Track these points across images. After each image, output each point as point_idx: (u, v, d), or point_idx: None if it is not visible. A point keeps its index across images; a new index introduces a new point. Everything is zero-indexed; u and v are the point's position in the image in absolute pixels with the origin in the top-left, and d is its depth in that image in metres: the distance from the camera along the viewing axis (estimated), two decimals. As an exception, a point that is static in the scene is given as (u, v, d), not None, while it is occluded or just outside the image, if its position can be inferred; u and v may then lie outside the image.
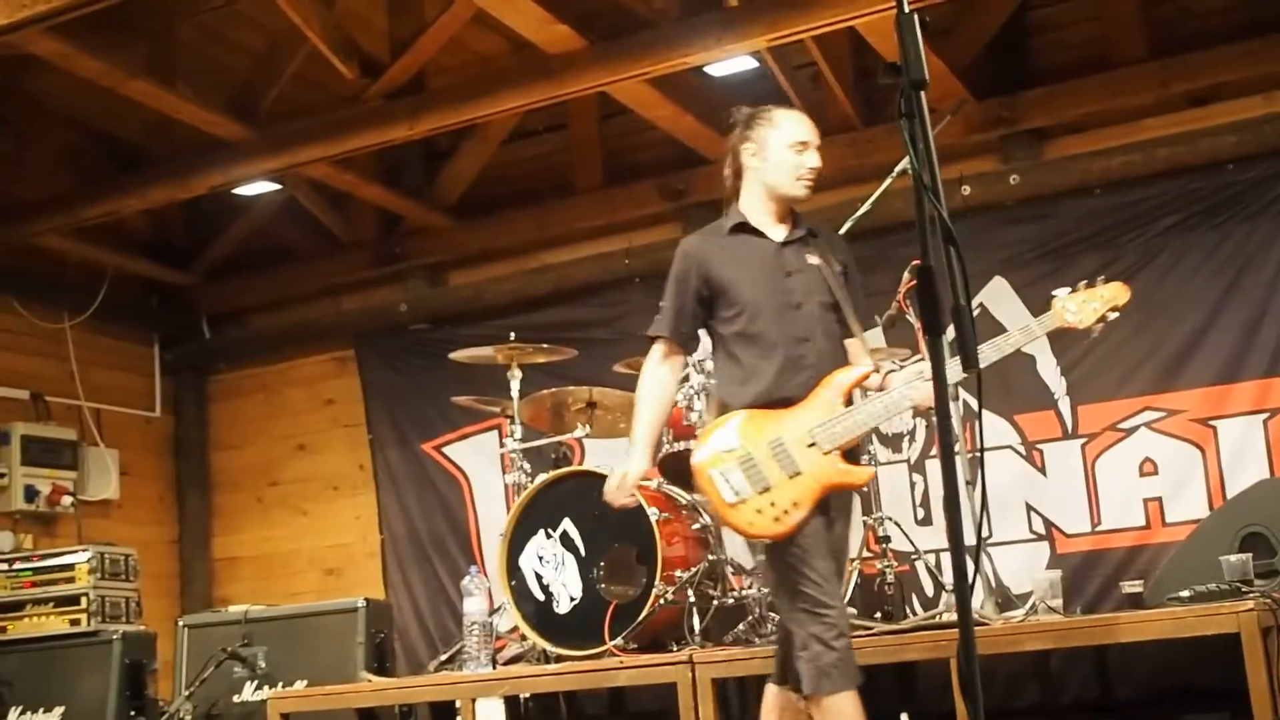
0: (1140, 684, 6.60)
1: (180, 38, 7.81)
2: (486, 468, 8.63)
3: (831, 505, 4.20)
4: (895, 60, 2.71)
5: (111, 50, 7.02)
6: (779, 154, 4.39)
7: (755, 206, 4.44)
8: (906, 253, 3.67)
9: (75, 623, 7.46)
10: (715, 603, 5.70)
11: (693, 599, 5.63)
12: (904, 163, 5.25)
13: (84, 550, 7.59)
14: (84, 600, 7.47)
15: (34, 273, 8.95)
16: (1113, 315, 4.32)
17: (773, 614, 5.55)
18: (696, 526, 5.93)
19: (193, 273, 9.86)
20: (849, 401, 4.23)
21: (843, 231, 5.34)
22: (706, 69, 7.19)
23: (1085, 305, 4.30)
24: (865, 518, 6.06)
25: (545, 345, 6.69)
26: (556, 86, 7.03)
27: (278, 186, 8.73)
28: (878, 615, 5.85)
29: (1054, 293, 4.39)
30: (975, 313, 3.21)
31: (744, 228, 4.42)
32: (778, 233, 4.41)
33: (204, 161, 8.00)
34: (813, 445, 4.10)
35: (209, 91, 7.72)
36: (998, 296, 7.39)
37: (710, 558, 5.80)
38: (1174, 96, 7.31)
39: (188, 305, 10.01)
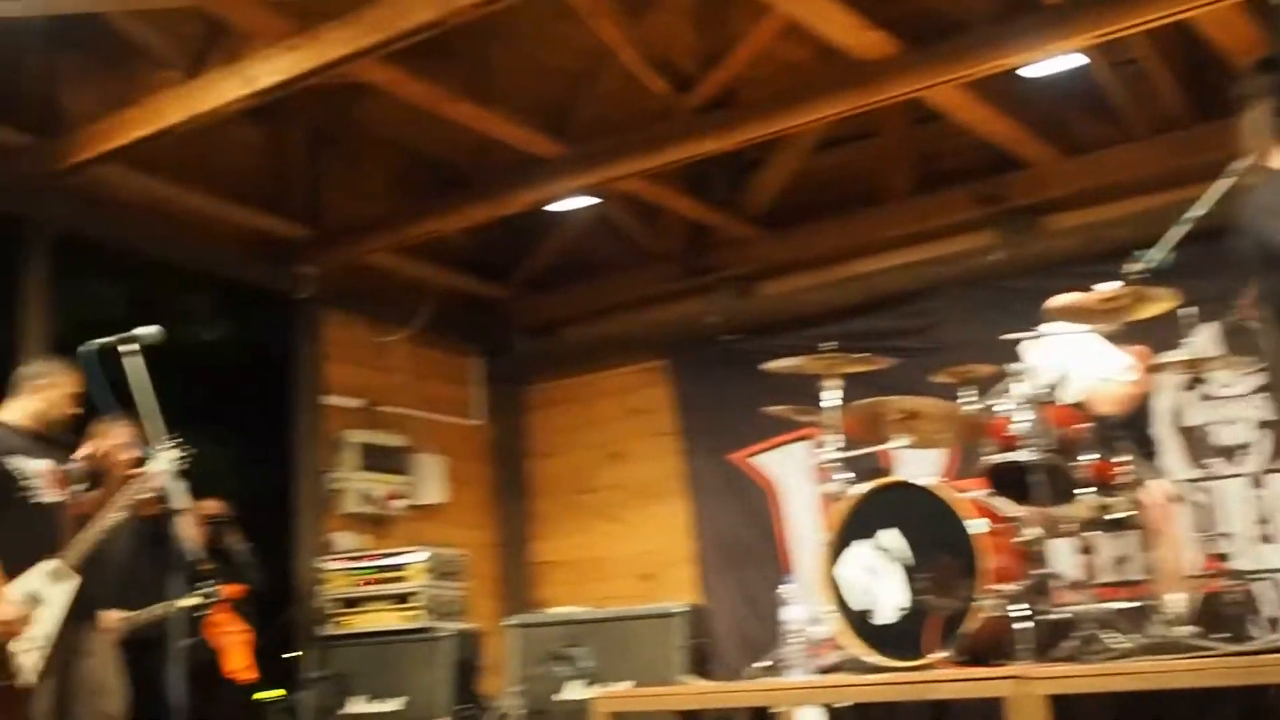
0: None
1: (497, 61, 8.11)
2: (797, 477, 8.70)
3: None
4: (1243, 53, 2.64)
5: (435, 75, 7.35)
6: None
7: None
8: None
9: (409, 619, 7.84)
10: (1042, 617, 5.59)
11: (1018, 613, 5.52)
12: (1239, 162, 5.07)
13: (420, 551, 7.98)
14: (418, 598, 7.84)
15: (366, 289, 9.42)
16: None
17: (1111, 630, 5.37)
18: (1022, 539, 5.83)
19: (510, 287, 10.24)
20: None
21: (1174, 235, 5.16)
22: (1023, 70, 7.08)
23: None
24: (1202, 534, 5.86)
25: (860, 355, 6.67)
26: (869, 94, 7.05)
27: (592, 201, 8.95)
28: (1221, 636, 5.61)
29: None
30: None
31: None
32: None
33: (522, 179, 8.31)
34: None
35: (525, 111, 8.00)
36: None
37: (1036, 571, 5.70)
38: None
39: (505, 318, 10.39)
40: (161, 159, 7.72)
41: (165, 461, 5.33)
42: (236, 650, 7.06)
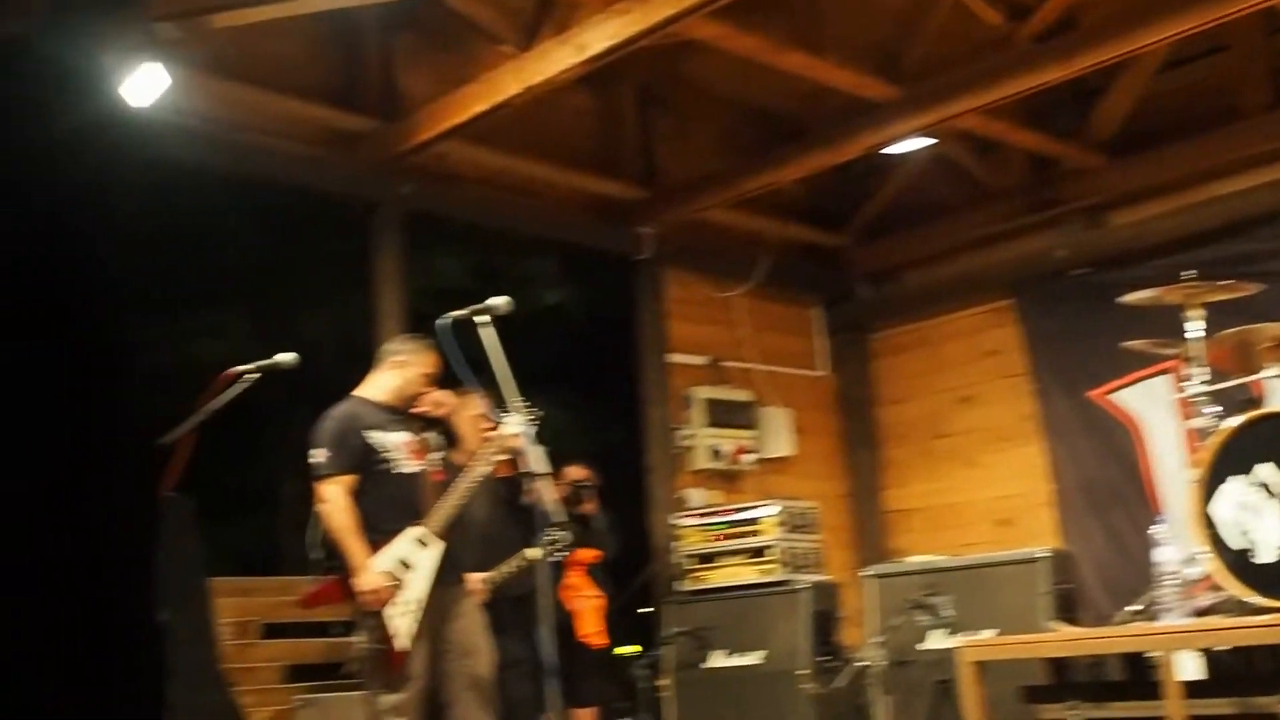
0: None
1: (824, 6, 7.98)
2: (1160, 413, 8.32)
3: None
4: None
5: (763, 27, 7.28)
6: None
7: None
8: None
9: (765, 572, 7.86)
10: None
11: None
12: None
13: (771, 504, 8.00)
14: (772, 551, 7.86)
15: (703, 246, 9.47)
16: None
17: None
18: None
19: (848, 234, 10.14)
20: None
21: None
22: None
23: None
24: None
25: (1225, 282, 6.31)
26: (1220, 6, 6.62)
27: (928, 142, 8.74)
28: None
29: None
30: None
31: None
32: None
33: (857, 125, 8.18)
34: None
35: (856, 56, 7.86)
36: None
37: None
38: None
39: (845, 266, 10.32)
40: (498, 132, 7.90)
41: (518, 425, 5.45)
42: (589, 615, 7.23)
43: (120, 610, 2.58)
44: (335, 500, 5.50)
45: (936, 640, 7.00)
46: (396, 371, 5.86)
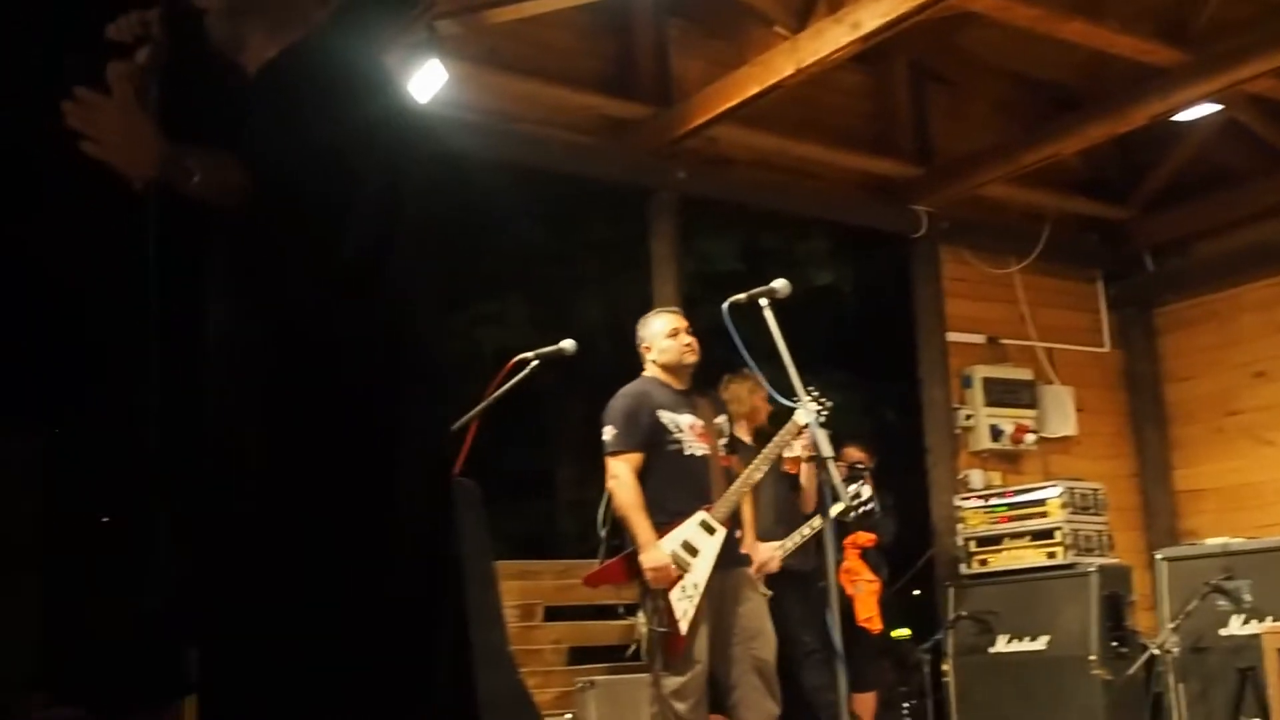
0: None
1: (1104, -28, 7.73)
2: None
3: None
4: None
5: (1043, -4, 7.10)
6: None
7: None
8: None
9: (1050, 555, 7.68)
10: None
11: None
12: None
13: (1054, 485, 7.82)
14: (1058, 534, 7.67)
15: (980, 222, 9.29)
16: None
17: None
18: None
19: (1130, 206, 9.82)
20: None
21: None
22: None
23: None
24: None
25: None
26: None
27: (1215, 108, 8.38)
28: None
29: None
30: None
31: None
32: None
33: (1141, 93, 7.89)
34: None
35: (1139, 21, 7.57)
36: None
37: None
38: None
39: (1128, 239, 9.98)
40: (770, 114, 7.87)
41: (808, 415, 5.38)
42: (865, 599, 7.17)
43: (431, 594, 2.68)
44: (622, 477, 5.58)
45: (1237, 626, 6.73)
46: (648, 353, 5.90)
